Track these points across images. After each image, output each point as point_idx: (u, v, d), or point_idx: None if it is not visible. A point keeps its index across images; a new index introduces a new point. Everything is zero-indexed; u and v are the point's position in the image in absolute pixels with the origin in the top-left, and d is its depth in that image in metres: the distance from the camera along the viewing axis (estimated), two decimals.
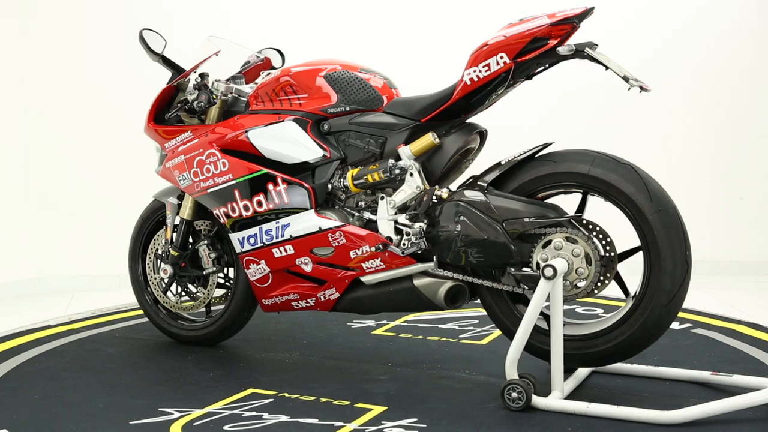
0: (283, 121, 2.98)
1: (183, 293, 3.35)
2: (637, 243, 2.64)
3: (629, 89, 2.57)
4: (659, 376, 2.81)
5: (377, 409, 2.56)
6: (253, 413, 2.55)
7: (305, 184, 2.92)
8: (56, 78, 4.77)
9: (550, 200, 2.77)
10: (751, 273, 4.92)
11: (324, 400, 2.66)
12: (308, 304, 3.05)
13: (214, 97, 3.15)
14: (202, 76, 3.20)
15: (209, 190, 3.10)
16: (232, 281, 3.29)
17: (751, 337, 3.34)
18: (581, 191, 2.66)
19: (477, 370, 2.98)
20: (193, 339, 3.37)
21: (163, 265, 3.29)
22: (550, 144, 2.72)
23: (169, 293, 3.38)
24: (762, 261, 4.97)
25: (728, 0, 4.94)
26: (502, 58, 2.63)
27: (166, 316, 3.43)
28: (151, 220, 3.44)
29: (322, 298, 3.00)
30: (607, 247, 2.61)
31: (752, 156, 4.97)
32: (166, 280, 3.33)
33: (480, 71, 2.66)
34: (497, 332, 3.52)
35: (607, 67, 2.57)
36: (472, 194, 2.70)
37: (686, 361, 3.00)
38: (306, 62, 3.06)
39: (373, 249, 2.80)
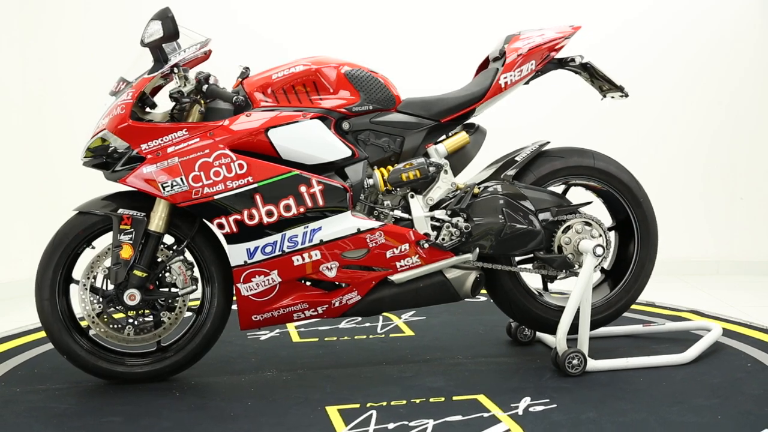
0: (307, 119, 2.77)
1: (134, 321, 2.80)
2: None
3: (613, 97, 3.10)
4: (602, 335, 3.37)
5: (481, 397, 2.65)
6: (393, 424, 2.42)
7: (344, 186, 2.77)
8: (57, 76, 4.67)
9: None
10: (751, 273, 4.89)
11: (418, 400, 2.63)
12: (315, 313, 2.88)
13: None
14: (179, 67, 2.74)
15: (216, 197, 2.69)
16: (207, 300, 2.88)
17: (751, 338, 3.37)
18: (589, 183, 3.09)
19: (467, 354, 3.18)
20: (145, 375, 2.84)
21: (129, 290, 2.72)
22: (548, 142, 3.09)
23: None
24: (762, 261, 4.94)
25: (730, 4, 4.93)
26: (532, 64, 2.93)
27: (108, 354, 2.82)
28: (81, 239, 2.78)
29: (337, 304, 2.87)
30: None
31: (752, 156, 4.97)
32: (131, 309, 2.74)
33: (514, 75, 2.92)
34: (401, 322, 3.70)
35: (595, 79, 3.07)
36: (507, 188, 2.93)
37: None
38: (315, 58, 2.87)
39: (421, 246, 2.82)
